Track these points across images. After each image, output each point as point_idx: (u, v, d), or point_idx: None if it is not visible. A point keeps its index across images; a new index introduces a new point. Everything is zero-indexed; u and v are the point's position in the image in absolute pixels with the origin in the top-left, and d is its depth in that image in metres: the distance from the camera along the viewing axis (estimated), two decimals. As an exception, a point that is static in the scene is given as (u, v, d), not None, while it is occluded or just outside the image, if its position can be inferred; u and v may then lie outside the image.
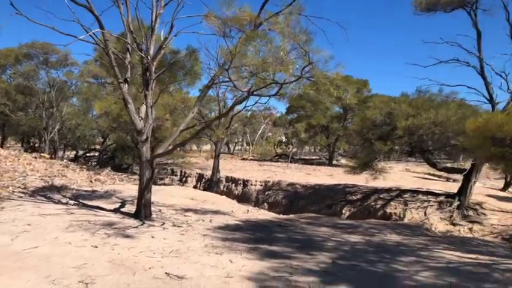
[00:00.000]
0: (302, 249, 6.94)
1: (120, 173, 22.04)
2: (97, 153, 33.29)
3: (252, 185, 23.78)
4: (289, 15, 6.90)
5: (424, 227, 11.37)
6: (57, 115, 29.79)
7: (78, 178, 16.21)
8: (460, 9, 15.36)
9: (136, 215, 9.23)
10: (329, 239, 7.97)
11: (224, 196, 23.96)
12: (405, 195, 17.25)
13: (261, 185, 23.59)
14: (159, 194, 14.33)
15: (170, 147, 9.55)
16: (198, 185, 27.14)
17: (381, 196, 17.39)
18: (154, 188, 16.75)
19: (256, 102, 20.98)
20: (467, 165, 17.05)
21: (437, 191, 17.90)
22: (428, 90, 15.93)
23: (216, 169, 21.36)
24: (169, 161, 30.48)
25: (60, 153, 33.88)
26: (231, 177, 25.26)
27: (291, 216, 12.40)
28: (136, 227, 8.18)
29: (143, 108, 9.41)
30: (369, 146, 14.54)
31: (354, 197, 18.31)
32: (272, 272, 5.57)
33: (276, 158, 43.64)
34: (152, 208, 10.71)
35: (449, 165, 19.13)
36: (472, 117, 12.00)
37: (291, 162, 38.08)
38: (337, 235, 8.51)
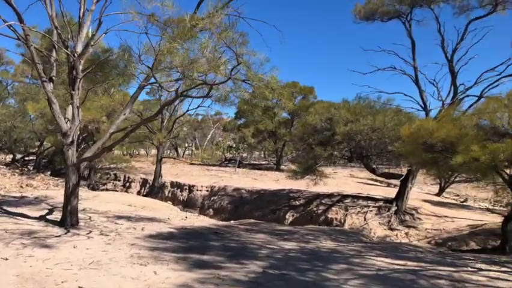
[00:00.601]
0: (234, 258, 6.64)
1: (57, 178, 20.66)
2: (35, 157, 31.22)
3: (197, 190, 23.22)
4: (219, 14, 6.58)
5: (361, 233, 11.50)
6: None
7: (7, 183, 14.91)
8: (395, 20, 15.95)
9: (61, 223, 8.50)
10: (263, 247, 7.73)
11: (167, 202, 23.27)
12: (346, 201, 17.52)
13: (207, 191, 23.10)
14: (95, 200, 13.51)
15: (99, 151, 8.88)
16: (142, 191, 26.10)
17: (323, 201, 17.54)
18: (91, 193, 15.89)
19: (198, 106, 20.46)
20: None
21: (376, 196, 18.36)
22: (367, 97, 16.32)
23: (158, 174, 20.55)
24: (112, 166, 29.18)
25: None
26: (176, 182, 24.51)
27: (231, 222, 12.10)
28: (59, 236, 7.49)
29: (69, 109, 8.70)
30: (310, 151, 14.58)
31: (298, 202, 18.33)
32: (197, 284, 5.23)
33: (225, 163, 43.23)
34: (83, 215, 9.99)
35: (388, 171, 19.72)
36: (407, 123, 12.38)
37: (239, 167, 37.85)
38: (273, 242, 8.29)
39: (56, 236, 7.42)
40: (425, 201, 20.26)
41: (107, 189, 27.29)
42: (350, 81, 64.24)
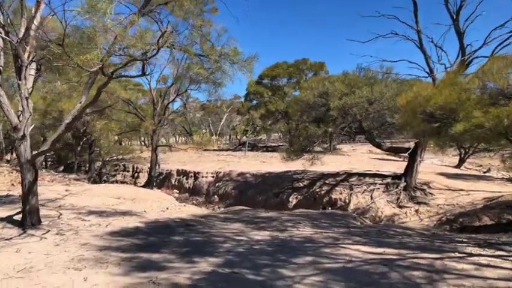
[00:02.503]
0: (188, 255, 5.93)
1: (57, 173, 20.47)
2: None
3: (203, 177, 22.69)
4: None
5: (352, 216, 10.56)
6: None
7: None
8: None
9: (21, 224, 7.98)
10: (231, 239, 6.98)
11: (174, 191, 22.91)
12: (351, 179, 16.54)
13: (212, 177, 22.54)
14: (82, 195, 13.07)
15: (51, 144, 8.23)
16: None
17: (327, 182, 16.60)
18: (83, 187, 15.53)
19: (186, 90, 19.46)
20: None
21: (385, 173, 17.27)
22: (368, 67, 15.07)
23: (154, 163, 20.02)
24: (121, 157, 29.07)
25: (8, 156, 31.75)
26: (182, 170, 24.07)
27: (215, 211, 11.38)
28: (9, 239, 6.96)
29: (24, 102, 8.06)
30: (303, 129, 13.62)
31: (301, 184, 17.47)
32: (126, 292, 4.55)
33: (240, 147, 42.61)
34: (54, 212, 9.51)
35: (396, 145, 18.51)
36: (405, 92, 11.23)
37: (253, 150, 37.19)
38: (245, 233, 7.53)
39: (7, 239, 6.89)
40: (440, 174, 19.00)
41: (116, 181, 27.25)
42: (356, 52, 61.14)
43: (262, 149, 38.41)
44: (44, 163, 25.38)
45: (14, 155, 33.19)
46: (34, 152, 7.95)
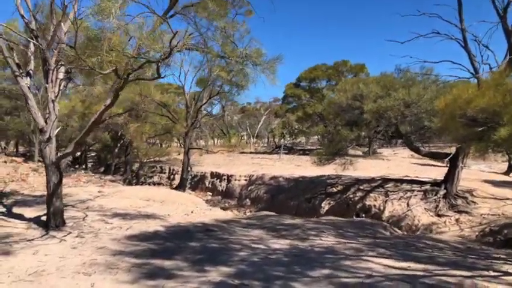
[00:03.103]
0: (201, 263, 5.74)
1: (94, 174, 21.09)
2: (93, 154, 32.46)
3: (235, 180, 22.58)
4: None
5: (381, 225, 9.96)
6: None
7: (37, 183, 15.28)
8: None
9: (45, 225, 8.15)
10: (248, 247, 6.73)
11: (207, 193, 22.99)
12: (387, 185, 15.77)
13: (245, 180, 22.38)
14: (113, 196, 13.33)
15: (74, 146, 8.34)
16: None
17: (361, 187, 15.94)
18: (116, 188, 15.85)
19: (218, 93, 19.33)
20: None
21: (424, 179, 16.35)
22: (407, 68, 14.28)
23: (186, 165, 20.13)
24: (158, 159, 29.59)
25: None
26: (216, 172, 24.10)
27: (238, 216, 11.15)
28: (31, 240, 7.09)
29: (51, 105, 8.23)
30: (336, 133, 13.11)
31: (335, 189, 16.90)
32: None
33: (277, 149, 42.30)
34: (80, 214, 9.67)
35: (437, 150, 17.50)
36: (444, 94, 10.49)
37: (290, 153, 36.77)
38: (264, 240, 7.25)
39: (28, 240, 7.01)
40: (486, 181, 17.76)
41: (153, 182, 27.77)
42: (397, 53, 58.56)
43: (298, 152, 37.91)
44: (85, 165, 26.35)
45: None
46: (59, 154, 8.10)
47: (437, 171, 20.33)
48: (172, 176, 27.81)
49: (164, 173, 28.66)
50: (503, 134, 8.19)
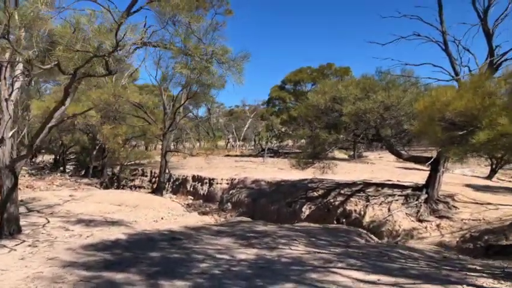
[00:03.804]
0: (155, 277, 5.30)
1: (69, 178, 20.38)
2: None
3: (217, 183, 22.12)
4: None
5: (357, 232, 9.63)
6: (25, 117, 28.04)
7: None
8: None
9: (-1, 233, 7.61)
10: (211, 257, 6.30)
11: (188, 197, 22.46)
12: (369, 190, 15.48)
13: (227, 183, 21.93)
14: (84, 201, 12.84)
15: (28, 148, 7.83)
16: (167, 186, 25.52)
17: (341, 192, 15.62)
18: (88, 192, 15.26)
19: (194, 95, 18.80)
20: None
21: (405, 184, 16.12)
22: (389, 71, 14.03)
23: (163, 168, 19.59)
24: (141, 162, 28.95)
25: (39, 158, 32.22)
26: (198, 176, 23.60)
27: (209, 223, 10.71)
28: (-22, 250, 6.56)
29: (4, 104, 7.71)
30: (315, 136, 12.76)
31: (316, 193, 16.54)
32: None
33: (262, 152, 41.92)
34: (42, 220, 9.15)
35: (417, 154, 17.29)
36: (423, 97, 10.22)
37: (273, 156, 36.39)
38: (231, 250, 6.83)
39: (-25, 249, 6.50)
40: (468, 186, 17.61)
41: (134, 186, 27.10)
42: (379, 55, 58.42)
43: (283, 156, 37.57)
44: (63, 167, 25.58)
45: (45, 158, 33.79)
46: (13, 158, 7.58)
47: (421, 175, 20.12)
48: (153, 179, 27.17)
49: (146, 176, 28.01)
50: (481, 138, 7.92)
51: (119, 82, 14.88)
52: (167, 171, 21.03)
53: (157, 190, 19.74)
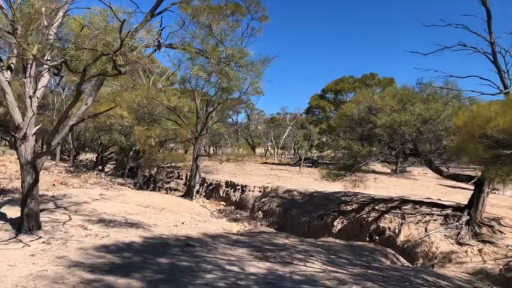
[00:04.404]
0: (157, 285, 5.15)
1: (104, 176, 20.95)
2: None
3: (249, 190, 21.96)
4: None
5: (384, 252, 9.03)
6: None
7: (43, 181, 15.22)
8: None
9: (19, 227, 7.80)
10: (221, 268, 6.07)
11: (220, 203, 22.46)
12: (405, 207, 14.67)
13: (260, 191, 21.72)
14: (113, 200, 13.05)
15: (48, 146, 7.96)
16: (200, 190, 25.72)
17: (376, 207, 14.91)
18: (120, 192, 15.56)
19: (227, 99, 18.73)
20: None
21: (445, 203, 15.13)
22: (431, 82, 13.25)
23: (193, 173, 19.64)
24: (177, 165, 29.41)
25: (79, 157, 33.59)
26: (231, 181, 23.58)
27: (229, 231, 10.47)
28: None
29: (28, 101, 7.91)
30: (347, 148, 12.25)
31: (349, 207, 15.92)
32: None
33: (300, 162, 41.40)
34: (64, 217, 9.31)
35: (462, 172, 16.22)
36: (463, 111, 9.51)
37: (311, 166, 35.79)
38: (243, 261, 6.57)
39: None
40: (517, 209, 16.28)
41: (169, 188, 27.57)
42: (424, 66, 55.28)
43: (322, 166, 36.85)
44: (101, 166, 26.45)
45: (84, 157, 35.19)
46: (35, 154, 7.77)
47: (465, 195, 18.86)
48: (188, 183, 27.54)
49: (181, 179, 28.40)
50: (525, 159, 7.20)
51: (157, 85, 15.16)
52: (198, 175, 21.12)
53: (187, 194, 19.85)
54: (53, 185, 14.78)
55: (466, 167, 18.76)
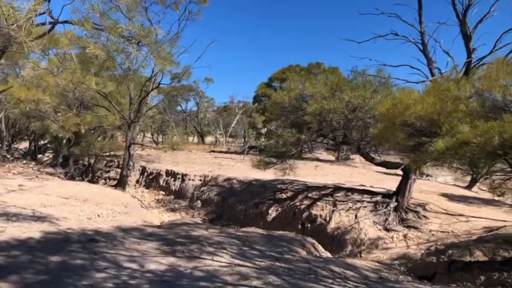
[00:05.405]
0: None
1: (31, 166, 19.44)
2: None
3: (190, 179, 21.34)
4: None
5: (302, 242, 8.89)
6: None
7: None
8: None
9: None
10: (117, 266, 5.56)
11: (160, 192, 21.72)
12: (337, 194, 14.80)
13: (200, 180, 21.18)
14: (33, 192, 12.00)
15: None
16: (140, 179, 24.75)
17: (309, 195, 14.92)
18: (44, 183, 14.44)
19: (159, 84, 17.99)
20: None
21: (377, 190, 15.44)
22: (364, 71, 13.30)
23: (126, 161, 18.75)
24: (118, 153, 28.12)
25: (16, 145, 31.18)
26: (171, 170, 22.84)
27: (147, 223, 9.92)
28: None
29: None
30: (276, 135, 12.05)
31: (284, 195, 15.85)
32: None
33: (248, 150, 41.18)
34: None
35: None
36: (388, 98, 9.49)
37: (258, 155, 35.61)
38: (146, 257, 6.09)
39: None
40: (443, 195, 17.01)
41: (109, 177, 26.28)
42: (359, 54, 56.96)
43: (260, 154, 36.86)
44: (32, 156, 24.69)
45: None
46: None
47: (398, 181, 19.49)
48: (128, 172, 26.42)
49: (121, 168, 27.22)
50: (440, 146, 7.24)
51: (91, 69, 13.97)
52: (132, 164, 20.18)
53: (119, 184, 18.90)
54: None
55: (398, 154, 19.29)
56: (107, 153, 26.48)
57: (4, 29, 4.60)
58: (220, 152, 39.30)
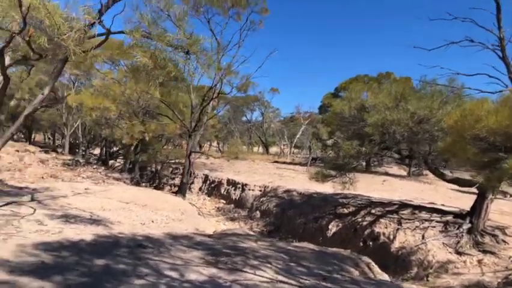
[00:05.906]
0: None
1: (101, 170, 20.73)
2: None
3: (250, 189, 21.41)
4: None
5: (356, 261, 8.27)
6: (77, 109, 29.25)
7: (33, 173, 15.10)
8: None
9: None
10: (158, 273, 5.56)
11: (220, 201, 22.03)
12: (403, 212, 13.81)
13: (260, 190, 21.14)
14: (97, 195, 12.72)
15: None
16: (203, 187, 25.36)
17: (372, 211, 14.11)
18: (109, 187, 15.23)
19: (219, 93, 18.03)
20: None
21: (448, 209, 14.18)
22: (435, 80, 12.37)
23: (186, 170, 19.16)
24: (183, 161, 29.15)
25: (91, 150, 33.81)
26: (232, 180, 23.11)
27: (197, 233, 9.91)
28: None
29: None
30: (339, 147, 11.54)
31: (346, 210, 15.16)
32: None
33: (312, 161, 40.51)
34: (29, 211, 8.96)
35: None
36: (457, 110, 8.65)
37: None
38: (188, 266, 6.03)
39: None
40: (525, 218, 15.14)
41: (174, 184, 27.30)
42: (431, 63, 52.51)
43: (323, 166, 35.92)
44: (102, 161, 26.42)
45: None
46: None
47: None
48: (191, 179, 27.23)
49: (187, 175, 28.12)
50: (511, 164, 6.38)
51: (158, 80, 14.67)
52: (191, 172, 20.67)
53: (179, 191, 19.42)
54: (42, 177, 14.61)
55: (470, 171, 17.62)
56: (173, 161, 27.54)
57: (55, 39, 4.84)
58: (284, 162, 39.07)
